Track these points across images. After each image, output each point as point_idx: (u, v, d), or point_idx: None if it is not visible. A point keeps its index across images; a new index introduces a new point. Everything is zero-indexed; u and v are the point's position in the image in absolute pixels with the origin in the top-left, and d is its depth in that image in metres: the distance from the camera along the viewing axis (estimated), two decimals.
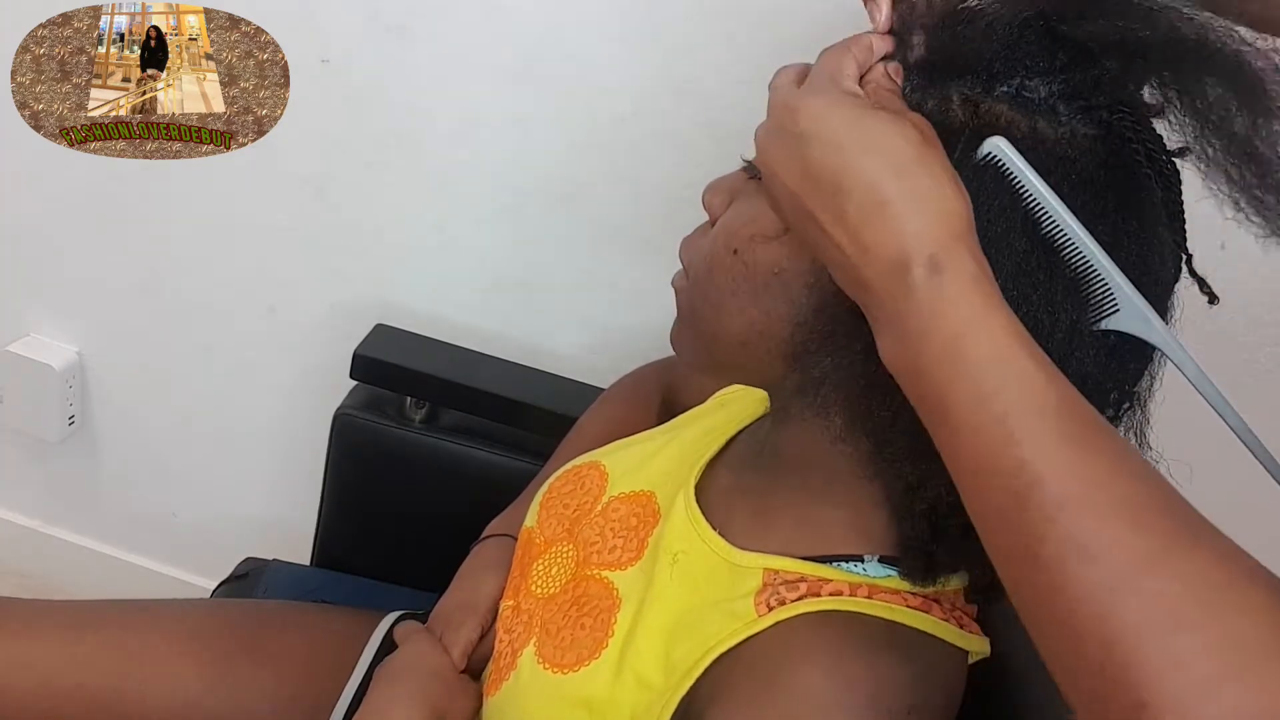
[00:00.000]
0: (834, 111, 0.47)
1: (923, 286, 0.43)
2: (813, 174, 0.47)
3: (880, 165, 0.45)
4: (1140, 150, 0.49)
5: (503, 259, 1.16)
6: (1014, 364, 0.42)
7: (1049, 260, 0.48)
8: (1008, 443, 0.41)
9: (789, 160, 0.48)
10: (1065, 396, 0.42)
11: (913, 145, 0.45)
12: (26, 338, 1.30)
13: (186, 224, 1.20)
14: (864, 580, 0.56)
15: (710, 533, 0.61)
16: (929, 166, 0.45)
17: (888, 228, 0.45)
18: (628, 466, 0.72)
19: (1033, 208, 0.47)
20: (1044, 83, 0.49)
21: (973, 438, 0.42)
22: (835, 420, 0.55)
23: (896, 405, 0.48)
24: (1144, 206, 0.50)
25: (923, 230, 0.44)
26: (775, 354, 0.56)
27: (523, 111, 1.07)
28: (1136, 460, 0.42)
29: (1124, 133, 0.49)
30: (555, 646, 0.62)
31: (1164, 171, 0.51)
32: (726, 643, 0.54)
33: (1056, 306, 0.48)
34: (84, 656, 0.77)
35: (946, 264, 0.44)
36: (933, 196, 0.45)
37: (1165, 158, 0.51)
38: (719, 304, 0.58)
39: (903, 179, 0.45)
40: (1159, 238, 0.51)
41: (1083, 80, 0.49)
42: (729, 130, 1.01)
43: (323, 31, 1.06)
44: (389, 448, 1.04)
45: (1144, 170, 0.50)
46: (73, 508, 1.46)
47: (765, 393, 0.65)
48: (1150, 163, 0.50)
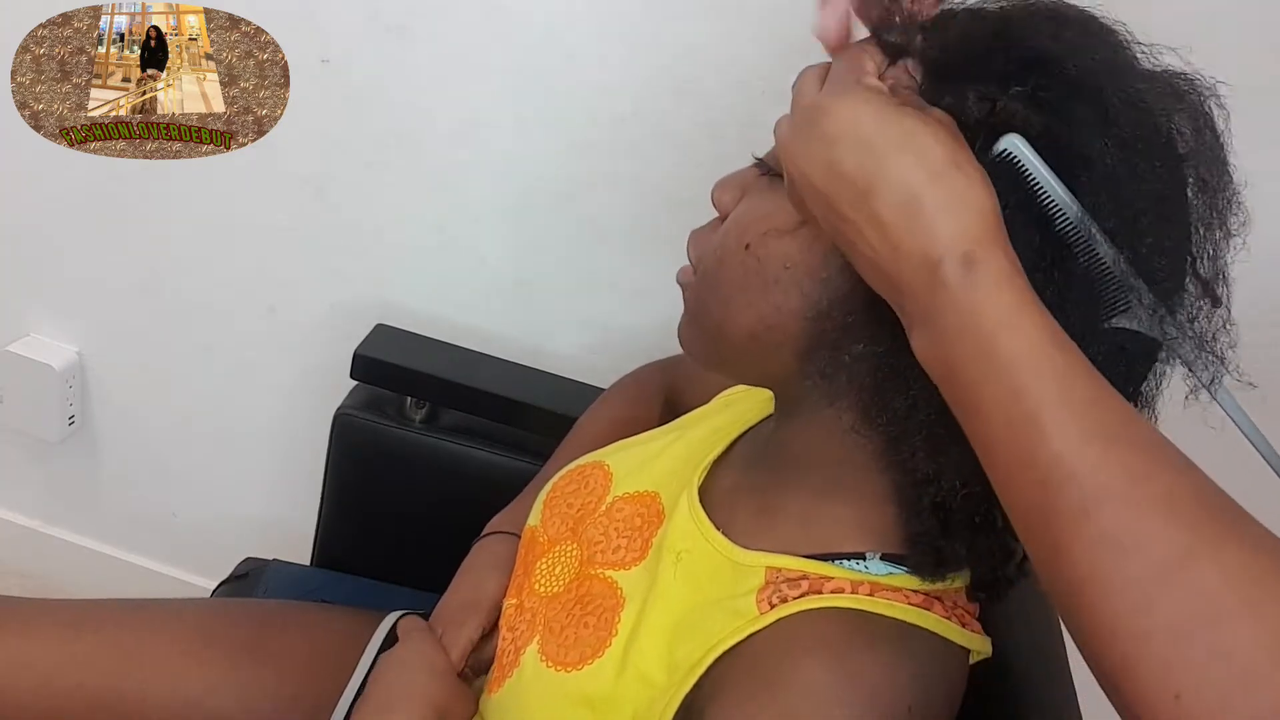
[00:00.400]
0: (862, 111, 0.47)
1: (956, 284, 0.44)
2: (843, 174, 0.47)
3: (912, 165, 0.45)
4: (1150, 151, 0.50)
5: (502, 259, 1.16)
6: (1047, 360, 0.42)
7: (1062, 257, 0.48)
8: (1041, 438, 0.41)
9: (817, 161, 0.48)
10: (1099, 391, 0.42)
11: (943, 144, 0.46)
12: (26, 338, 1.30)
13: (186, 224, 1.20)
14: (866, 578, 0.56)
15: (713, 532, 0.61)
16: (961, 166, 0.45)
17: (921, 226, 0.45)
18: (632, 466, 0.72)
19: (1047, 205, 0.48)
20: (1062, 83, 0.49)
21: (1007, 433, 0.42)
22: (847, 414, 0.55)
23: (914, 397, 0.48)
24: (1156, 206, 0.50)
25: (956, 228, 0.44)
26: (785, 348, 0.57)
27: (523, 111, 1.07)
28: (1172, 453, 0.42)
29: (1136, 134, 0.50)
30: (558, 645, 0.63)
31: (1174, 173, 0.51)
32: (729, 640, 0.55)
33: (1069, 303, 0.48)
34: (84, 656, 0.77)
35: (980, 261, 0.44)
36: (965, 195, 0.45)
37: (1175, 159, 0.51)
38: (728, 298, 0.58)
39: (935, 179, 0.45)
40: (1170, 238, 0.51)
41: None
42: (729, 130, 1.02)
43: (323, 31, 1.06)
44: (389, 448, 1.04)
45: (1156, 171, 0.50)
46: (73, 508, 1.46)
47: (770, 393, 0.65)
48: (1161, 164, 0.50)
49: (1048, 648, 0.70)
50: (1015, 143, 0.47)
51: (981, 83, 0.49)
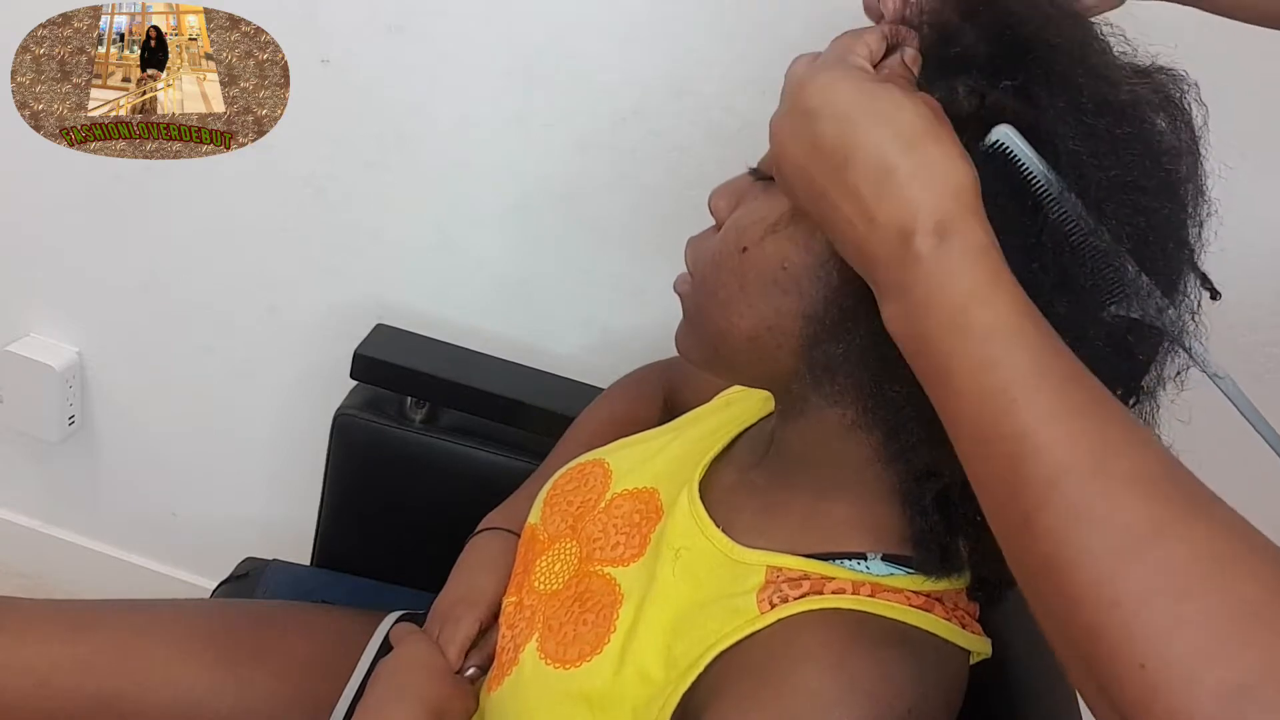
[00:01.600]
0: (841, 84, 0.48)
1: (929, 254, 0.44)
2: (822, 147, 0.47)
3: (889, 136, 0.45)
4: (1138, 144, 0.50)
5: (503, 259, 1.16)
6: (1020, 334, 0.42)
7: (1056, 246, 0.48)
8: (1010, 410, 0.41)
9: (798, 137, 0.49)
10: (1070, 367, 0.42)
11: (922, 118, 0.46)
12: (26, 338, 1.30)
13: (186, 224, 1.20)
14: (867, 579, 0.56)
15: (713, 529, 0.61)
16: (939, 139, 0.45)
17: (896, 196, 0.45)
18: (631, 463, 0.73)
19: (1040, 195, 0.48)
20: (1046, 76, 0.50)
21: (976, 405, 0.42)
22: (848, 410, 0.55)
23: (910, 387, 0.48)
24: (1150, 198, 0.50)
25: (931, 200, 0.44)
26: (785, 348, 0.57)
27: (523, 111, 1.07)
28: (1141, 431, 0.42)
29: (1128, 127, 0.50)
30: (558, 642, 0.63)
31: (1170, 165, 0.51)
32: (728, 639, 0.55)
33: (1064, 291, 0.48)
34: (84, 656, 0.77)
35: (954, 233, 0.44)
36: (942, 168, 0.45)
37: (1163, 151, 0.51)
38: (727, 302, 0.58)
39: (911, 150, 0.45)
40: (1166, 229, 0.51)
41: None
42: (729, 131, 1.02)
43: (323, 31, 1.06)
44: (389, 448, 1.04)
45: (1148, 163, 0.50)
46: (73, 508, 1.46)
47: (769, 392, 0.65)
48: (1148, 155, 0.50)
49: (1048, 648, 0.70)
50: (1007, 133, 0.48)
51: (972, 76, 0.50)
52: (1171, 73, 0.53)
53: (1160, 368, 0.53)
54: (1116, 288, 0.48)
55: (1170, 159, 0.51)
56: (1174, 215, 0.51)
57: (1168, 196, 0.51)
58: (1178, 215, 0.52)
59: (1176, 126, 0.52)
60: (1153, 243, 0.50)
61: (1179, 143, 0.52)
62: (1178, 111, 0.52)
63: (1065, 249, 0.48)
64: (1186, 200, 0.52)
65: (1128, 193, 0.49)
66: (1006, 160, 0.48)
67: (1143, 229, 0.49)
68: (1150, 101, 0.51)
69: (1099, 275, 0.48)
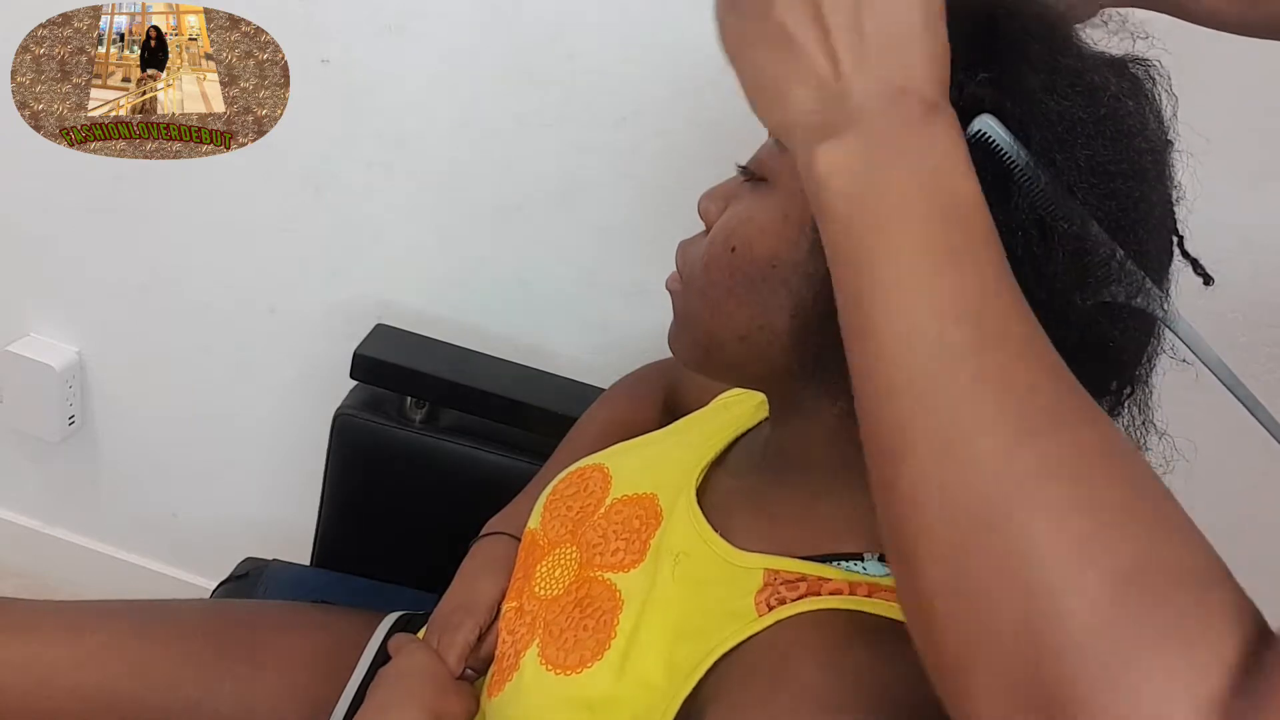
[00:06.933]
0: None
1: (918, 118, 0.43)
2: None
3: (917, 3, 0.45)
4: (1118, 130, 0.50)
5: (503, 259, 1.16)
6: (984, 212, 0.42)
7: (1041, 234, 0.48)
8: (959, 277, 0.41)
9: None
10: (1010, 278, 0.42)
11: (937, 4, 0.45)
12: (26, 338, 1.30)
13: (186, 224, 1.20)
14: (864, 579, 0.56)
15: (712, 534, 0.61)
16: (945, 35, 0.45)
17: (904, 58, 0.44)
18: (631, 469, 0.72)
19: (1023, 182, 0.48)
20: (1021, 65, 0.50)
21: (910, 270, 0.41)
22: (840, 403, 0.55)
23: None
24: (1135, 186, 0.50)
25: (936, 79, 0.44)
26: (776, 346, 0.57)
27: (523, 111, 1.07)
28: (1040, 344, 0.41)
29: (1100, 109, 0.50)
30: (558, 648, 0.63)
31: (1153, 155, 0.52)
32: (728, 643, 0.54)
33: (1050, 279, 0.48)
34: (83, 657, 0.77)
35: (945, 113, 0.44)
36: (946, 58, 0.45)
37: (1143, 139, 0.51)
38: (717, 302, 0.58)
39: (929, 25, 0.45)
40: (1151, 216, 0.51)
41: None
42: (729, 130, 1.02)
43: (323, 31, 1.06)
44: (389, 448, 1.04)
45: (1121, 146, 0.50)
46: (73, 508, 1.47)
47: (764, 396, 0.65)
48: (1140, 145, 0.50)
49: None
50: (989, 123, 0.48)
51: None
52: (1145, 63, 0.53)
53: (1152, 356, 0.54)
54: (1101, 271, 0.49)
55: (1143, 142, 0.52)
56: (1147, 197, 0.52)
57: (1140, 179, 0.51)
58: (1150, 197, 0.52)
59: (1145, 114, 0.52)
60: (1127, 226, 0.50)
61: (1150, 128, 0.52)
62: (1147, 101, 0.52)
63: (1049, 237, 0.48)
64: (1161, 184, 0.52)
65: (1100, 176, 0.49)
66: (987, 151, 0.48)
67: (1115, 212, 0.50)
68: (1123, 89, 0.52)
69: (1083, 262, 0.49)
